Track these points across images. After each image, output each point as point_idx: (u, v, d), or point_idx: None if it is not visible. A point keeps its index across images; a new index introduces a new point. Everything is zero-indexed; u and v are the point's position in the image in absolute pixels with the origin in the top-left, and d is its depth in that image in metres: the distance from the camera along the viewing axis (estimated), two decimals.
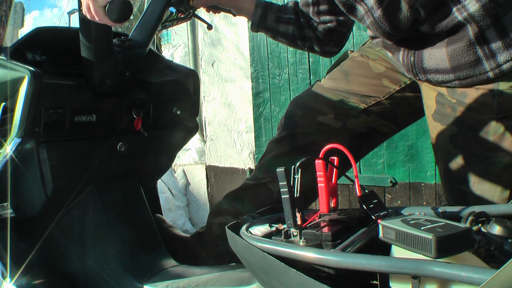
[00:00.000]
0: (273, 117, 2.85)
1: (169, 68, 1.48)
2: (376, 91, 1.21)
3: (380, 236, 0.67)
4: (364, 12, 1.02)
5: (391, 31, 1.01)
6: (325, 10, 1.33)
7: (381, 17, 0.98)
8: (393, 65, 1.19)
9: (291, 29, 1.37)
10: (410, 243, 0.62)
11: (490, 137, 0.98)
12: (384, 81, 1.21)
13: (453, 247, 0.59)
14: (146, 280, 1.24)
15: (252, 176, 1.35)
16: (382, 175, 2.40)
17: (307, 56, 2.63)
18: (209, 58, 3.25)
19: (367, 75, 1.22)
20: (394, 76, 1.20)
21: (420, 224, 0.63)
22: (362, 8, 1.01)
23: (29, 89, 1.10)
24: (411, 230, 0.62)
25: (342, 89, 1.24)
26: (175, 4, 1.32)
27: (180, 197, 3.39)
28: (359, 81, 1.23)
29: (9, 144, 1.14)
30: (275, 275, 0.74)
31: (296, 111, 1.28)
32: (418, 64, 1.04)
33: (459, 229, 0.61)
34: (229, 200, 1.37)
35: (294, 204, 0.76)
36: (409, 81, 1.19)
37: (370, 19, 1.01)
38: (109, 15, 0.96)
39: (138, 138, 1.35)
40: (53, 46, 1.26)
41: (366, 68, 1.23)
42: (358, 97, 1.23)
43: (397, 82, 1.20)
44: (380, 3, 0.97)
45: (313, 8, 1.33)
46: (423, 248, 0.59)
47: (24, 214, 1.21)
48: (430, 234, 0.59)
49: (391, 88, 1.20)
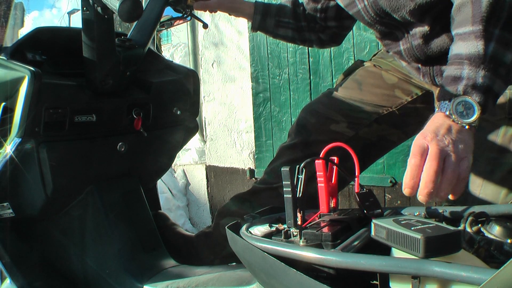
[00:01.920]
0: (273, 117, 2.85)
1: (169, 68, 1.48)
2: (389, 101, 1.24)
3: (372, 235, 0.69)
4: (402, 38, 1.05)
5: (422, 57, 1.05)
6: (332, 16, 1.36)
7: (419, 46, 1.03)
8: (405, 76, 1.21)
9: (290, 32, 1.41)
10: (399, 242, 0.63)
11: (500, 138, 0.99)
12: (397, 92, 1.23)
13: (441, 248, 0.61)
14: (146, 280, 1.24)
15: (262, 180, 1.36)
16: (382, 175, 2.40)
17: (307, 56, 2.63)
18: (209, 58, 3.25)
19: (380, 85, 1.24)
20: (406, 87, 1.22)
21: (411, 224, 0.65)
22: (401, 33, 1.05)
23: (29, 89, 1.10)
24: (401, 230, 0.63)
25: (355, 98, 1.26)
26: (172, 4, 1.33)
27: (180, 197, 3.39)
28: (372, 91, 1.25)
29: (9, 144, 1.14)
30: (275, 275, 0.74)
31: (309, 118, 1.30)
32: (436, 68, 1.05)
33: (448, 231, 0.62)
34: (237, 202, 1.37)
35: (296, 204, 0.76)
36: (420, 92, 1.21)
37: (406, 46, 1.05)
38: (121, 15, 0.97)
39: (138, 138, 1.35)
40: (53, 46, 1.26)
41: (379, 79, 1.26)
42: (371, 107, 1.24)
43: (409, 93, 1.22)
44: (424, 34, 1.00)
45: (321, 14, 1.36)
46: (411, 248, 0.61)
47: (24, 214, 1.21)
48: (419, 234, 0.60)
49: (403, 99, 1.23)
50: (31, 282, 1.22)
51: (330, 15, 1.35)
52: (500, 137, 0.99)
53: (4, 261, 1.21)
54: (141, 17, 1.19)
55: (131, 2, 0.96)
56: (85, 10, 1.10)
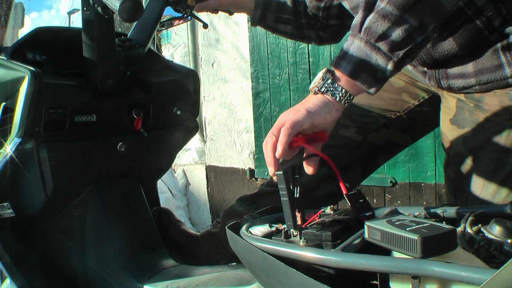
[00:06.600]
0: (273, 117, 2.85)
1: (169, 68, 1.49)
2: (397, 105, 1.23)
3: (366, 237, 0.68)
4: None
5: (428, 61, 1.04)
6: (335, 15, 1.35)
7: (426, 49, 1.02)
8: (412, 79, 1.21)
9: (289, 29, 1.40)
10: (395, 244, 0.63)
11: (503, 139, 0.99)
12: (404, 96, 1.23)
13: (438, 247, 0.60)
14: (146, 280, 1.24)
15: (269, 182, 1.36)
16: (382, 175, 2.40)
17: (307, 56, 2.63)
18: (209, 58, 3.25)
19: (388, 90, 1.23)
20: (413, 91, 1.22)
21: (405, 225, 0.64)
22: None
23: (29, 89, 1.10)
24: (396, 231, 0.63)
25: (364, 103, 1.26)
26: (173, 4, 1.33)
27: (180, 197, 3.39)
28: (379, 95, 1.25)
29: (9, 144, 1.14)
30: (275, 275, 0.74)
31: None
32: (442, 70, 1.05)
33: (443, 230, 0.62)
34: (243, 204, 1.37)
35: (294, 206, 0.76)
36: (427, 95, 1.21)
37: None
38: (121, 15, 0.97)
39: (138, 138, 1.35)
40: (54, 46, 1.26)
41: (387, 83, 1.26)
42: (379, 111, 1.24)
43: (416, 97, 1.22)
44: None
45: (323, 13, 1.36)
46: (408, 249, 0.60)
47: (24, 214, 1.21)
48: (415, 235, 0.60)
49: (410, 103, 1.23)
50: (31, 282, 1.23)
51: (333, 14, 1.35)
52: (503, 138, 0.99)
53: (4, 261, 1.21)
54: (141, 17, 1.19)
55: (131, 2, 0.96)
56: (85, 10, 1.10)
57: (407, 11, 0.78)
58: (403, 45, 0.79)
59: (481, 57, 0.98)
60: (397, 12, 0.79)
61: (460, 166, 1.07)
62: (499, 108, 1.00)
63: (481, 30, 0.95)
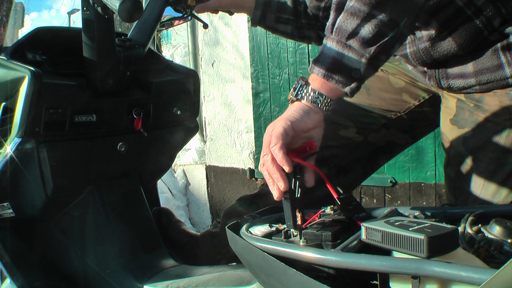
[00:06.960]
0: (273, 117, 2.85)
1: (169, 68, 1.49)
2: (397, 105, 1.23)
3: (363, 238, 0.67)
4: (408, 41, 1.05)
5: (428, 61, 1.04)
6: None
7: (425, 49, 1.02)
8: (412, 79, 1.21)
9: (289, 29, 1.40)
10: (398, 244, 0.62)
11: (503, 139, 0.99)
12: (404, 96, 1.23)
13: (442, 247, 0.60)
14: (146, 280, 1.24)
15: None
16: (382, 175, 2.40)
17: (307, 56, 2.63)
18: (209, 58, 3.25)
19: (388, 90, 1.23)
20: (413, 91, 1.22)
21: (406, 225, 0.64)
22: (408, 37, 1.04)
23: (29, 89, 1.10)
24: (400, 231, 0.62)
25: (364, 104, 1.25)
26: (173, 4, 1.33)
27: (180, 197, 3.39)
28: (380, 96, 1.25)
29: (9, 144, 1.14)
30: (275, 275, 0.74)
31: None
32: (442, 70, 1.05)
33: (447, 230, 0.62)
34: (243, 204, 1.37)
35: (294, 206, 0.76)
36: (427, 95, 1.21)
37: (412, 49, 1.05)
38: (121, 15, 0.97)
39: (138, 138, 1.35)
40: (54, 46, 1.26)
41: (387, 83, 1.25)
42: (379, 112, 1.24)
43: (417, 97, 1.22)
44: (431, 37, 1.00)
45: (324, 13, 1.36)
46: (414, 249, 0.60)
47: (24, 214, 1.21)
48: (422, 235, 0.59)
49: (411, 104, 1.22)
50: (31, 282, 1.23)
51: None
52: (503, 138, 0.99)
53: (4, 261, 1.21)
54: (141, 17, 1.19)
55: (131, 2, 0.96)
56: (85, 10, 1.10)
57: (375, 6, 0.78)
58: (374, 40, 0.79)
59: (481, 57, 0.98)
60: (365, 8, 0.79)
61: (460, 166, 1.07)
62: (499, 108, 1.00)
63: (480, 30, 0.95)
